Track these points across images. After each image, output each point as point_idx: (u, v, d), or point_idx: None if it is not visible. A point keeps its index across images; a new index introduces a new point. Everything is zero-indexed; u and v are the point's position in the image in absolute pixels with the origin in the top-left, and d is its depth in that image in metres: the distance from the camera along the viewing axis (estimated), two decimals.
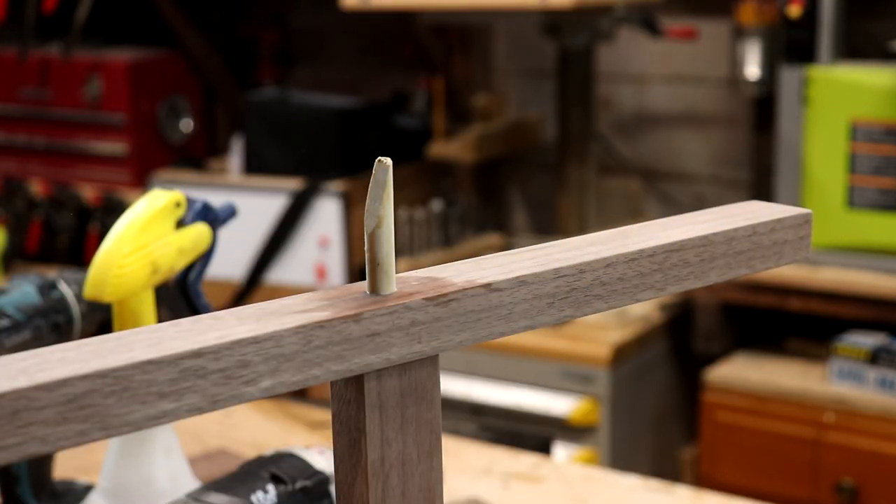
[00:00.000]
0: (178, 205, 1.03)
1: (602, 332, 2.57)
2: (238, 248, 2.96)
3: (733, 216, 0.71)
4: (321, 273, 2.96)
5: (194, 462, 1.27)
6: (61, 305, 1.07)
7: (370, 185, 0.56)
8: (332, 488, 0.97)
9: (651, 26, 2.74)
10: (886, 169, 2.43)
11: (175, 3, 3.52)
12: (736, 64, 2.68)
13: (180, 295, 1.05)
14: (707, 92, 2.98)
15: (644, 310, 2.69)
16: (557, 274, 0.62)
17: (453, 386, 2.59)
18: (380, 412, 0.59)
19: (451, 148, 2.94)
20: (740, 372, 2.51)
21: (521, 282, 0.61)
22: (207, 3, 3.66)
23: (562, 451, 2.46)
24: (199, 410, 0.50)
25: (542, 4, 2.45)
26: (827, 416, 2.37)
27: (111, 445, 1.04)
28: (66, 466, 1.24)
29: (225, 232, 1.10)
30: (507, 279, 0.60)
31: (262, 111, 3.13)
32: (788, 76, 2.52)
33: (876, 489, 2.33)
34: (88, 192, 3.46)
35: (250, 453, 1.35)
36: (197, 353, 0.50)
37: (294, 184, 2.97)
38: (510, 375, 2.58)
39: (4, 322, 1.02)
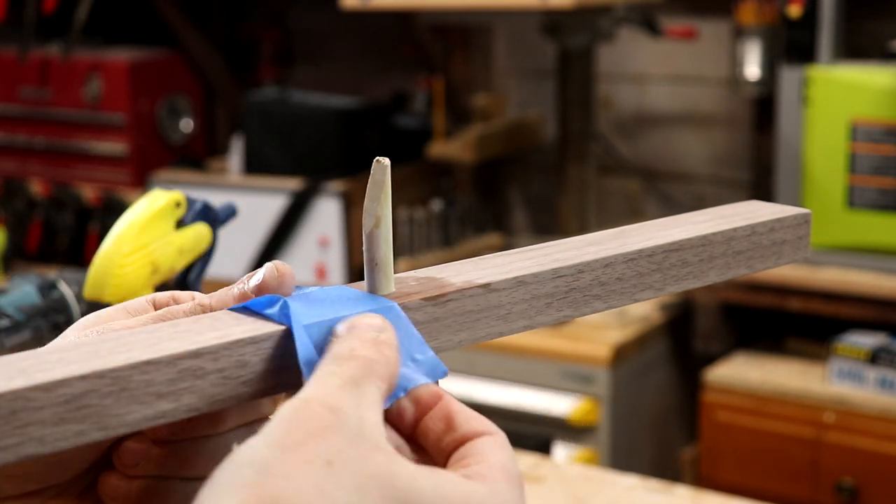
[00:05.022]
0: (178, 205, 1.03)
1: (602, 332, 2.56)
2: (238, 248, 2.96)
3: (732, 216, 0.71)
4: (321, 273, 2.96)
5: None
6: (61, 305, 1.07)
7: (368, 184, 0.56)
8: None
9: (651, 26, 2.74)
10: (886, 169, 2.43)
11: (175, 3, 3.52)
12: (736, 64, 2.68)
13: None
14: (707, 92, 2.98)
15: (644, 310, 2.69)
16: (556, 274, 0.62)
17: (453, 386, 2.59)
18: None
19: (451, 148, 2.94)
20: (740, 372, 2.51)
21: (519, 282, 0.61)
22: (207, 3, 3.66)
23: (562, 451, 2.45)
24: (198, 411, 0.50)
25: (542, 4, 2.45)
26: (827, 416, 2.37)
27: None
28: None
29: (225, 232, 1.10)
30: (505, 279, 0.60)
31: (262, 111, 3.12)
32: (788, 76, 2.52)
33: (876, 489, 2.33)
34: (88, 192, 3.45)
35: None
36: (195, 354, 0.49)
37: (294, 184, 2.97)
38: (510, 375, 2.58)
39: (4, 322, 1.02)
